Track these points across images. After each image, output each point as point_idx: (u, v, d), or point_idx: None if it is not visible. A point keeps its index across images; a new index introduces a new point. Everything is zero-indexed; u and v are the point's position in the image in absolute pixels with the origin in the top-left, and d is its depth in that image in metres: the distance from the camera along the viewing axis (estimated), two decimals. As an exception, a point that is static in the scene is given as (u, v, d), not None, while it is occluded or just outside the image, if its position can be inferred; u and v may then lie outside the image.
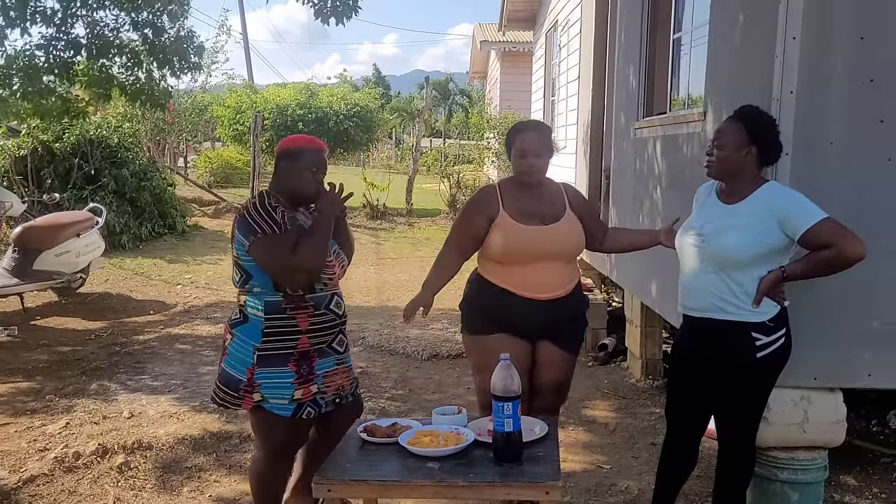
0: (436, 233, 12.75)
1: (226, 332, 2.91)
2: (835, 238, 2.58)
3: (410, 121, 29.89)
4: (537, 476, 2.24)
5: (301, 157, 2.86)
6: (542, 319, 3.10)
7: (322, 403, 2.90)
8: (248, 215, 2.76)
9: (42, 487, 3.57)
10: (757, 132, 2.70)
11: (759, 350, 2.68)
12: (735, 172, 2.73)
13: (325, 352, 2.90)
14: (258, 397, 2.79)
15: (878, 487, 3.56)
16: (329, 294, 2.91)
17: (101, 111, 12.68)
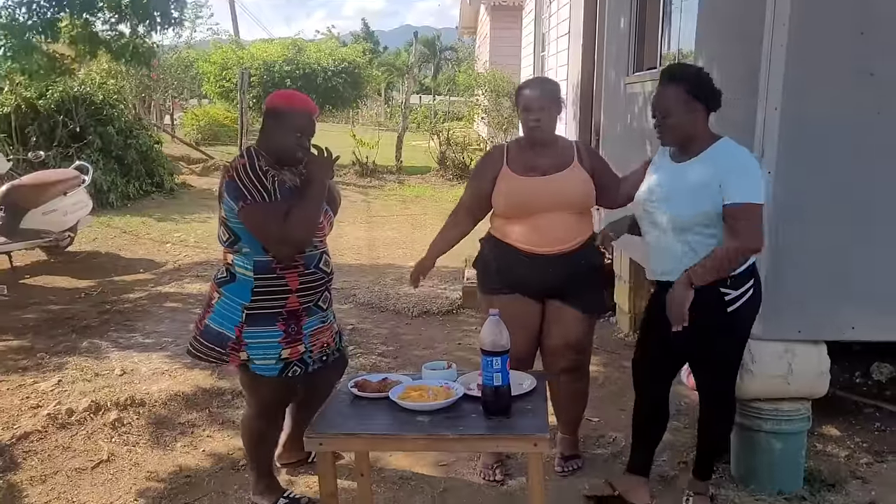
0: (426, 190, 12.71)
1: (212, 289, 2.91)
2: (749, 227, 2.59)
3: (399, 77, 29.56)
4: (525, 428, 2.27)
5: (287, 120, 2.80)
6: (550, 276, 3.10)
7: (309, 362, 2.93)
8: (237, 178, 2.71)
9: (36, 444, 3.60)
10: (695, 87, 2.67)
11: (730, 304, 2.69)
12: (689, 134, 2.71)
13: (312, 310, 2.91)
14: (244, 356, 2.81)
15: (860, 437, 3.64)
16: (318, 253, 2.91)
17: (85, 67, 12.48)
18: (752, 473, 3.17)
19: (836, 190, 2.99)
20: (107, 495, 3.18)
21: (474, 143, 16.66)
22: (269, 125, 2.84)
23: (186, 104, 21.94)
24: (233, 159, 2.85)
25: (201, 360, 2.95)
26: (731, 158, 2.66)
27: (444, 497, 3.14)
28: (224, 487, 3.24)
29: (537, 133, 3.12)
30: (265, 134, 2.86)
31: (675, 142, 2.77)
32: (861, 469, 3.34)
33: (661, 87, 2.73)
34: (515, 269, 3.15)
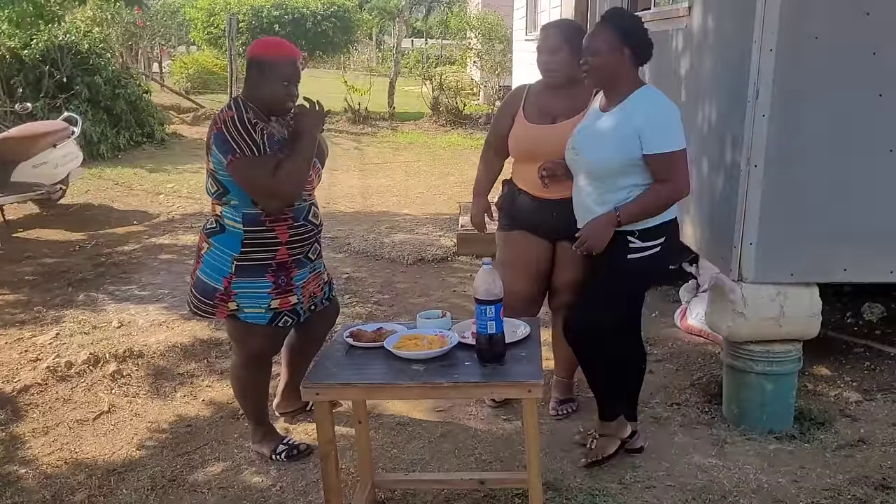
0: (419, 137, 12.61)
1: (202, 240, 2.91)
2: (675, 173, 2.62)
3: (390, 21, 29.04)
4: (519, 375, 2.30)
5: (272, 70, 2.75)
6: (558, 220, 3.08)
7: (301, 312, 2.95)
8: (226, 131, 2.68)
9: (36, 396, 3.64)
10: (627, 32, 2.65)
11: (631, 252, 2.71)
12: (612, 77, 2.69)
13: (301, 262, 2.92)
14: (233, 306, 2.83)
15: (850, 376, 3.70)
16: (307, 205, 2.91)
17: (69, 15, 12.23)
18: (743, 414, 3.23)
19: (830, 132, 2.97)
20: (109, 446, 3.23)
21: (467, 87, 16.48)
22: (254, 76, 2.79)
23: (174, 52, 21.59)
24: (220, 110, 2.81)
25: (195, 314, 2.97)
26: (649, 106, 2.65)
27: (441, 442, 3.20)
28: (224, 436, 3.29)
29: (548, 76, 3.11)
30: (250, 85, 2.81)
31: (598, 83, 2.76)
32: (850, 407, 3.40)
33: (594, 28, 2.74)
34: (526, 211, 3.18)
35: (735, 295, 3.08)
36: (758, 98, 2.92)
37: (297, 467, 3.01)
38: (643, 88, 2.70)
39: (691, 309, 4.35)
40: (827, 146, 2.98)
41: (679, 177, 2.64)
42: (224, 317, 2.88)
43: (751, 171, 2.99)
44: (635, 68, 2.71)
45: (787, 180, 3.00)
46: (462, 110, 13.89)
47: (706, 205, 3.46)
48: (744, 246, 3.06)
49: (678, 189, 2.66)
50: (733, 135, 3.09)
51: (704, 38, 3.49)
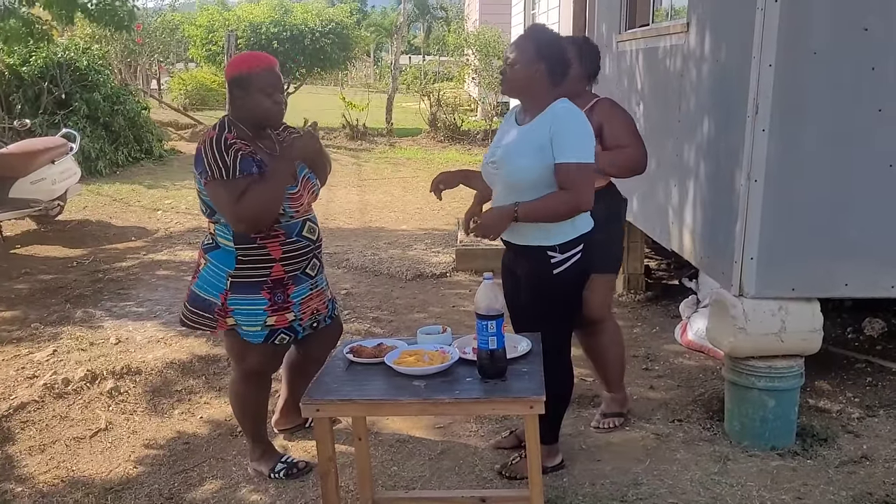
0: (417, 152, 12.63)
1: (200, 256, 2.92)
2: (579, 185, 2.64)
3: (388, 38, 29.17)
4: (521, 391, 2.28)
5: (253, 83, 2.73)
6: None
7: (299, 330, 2.93)
8: (203, 152, 2.68)
9: (33, 413, 3.61)
10: (543, 49, 2.70)
11: (555, 266, 2.74)
12: (526, 89, 2.75)
13: (299, 278, 2.91)
14: (231, 322, 2.82)
15: (851, 392, 3.68)
16: (300, 221, 2.88)
17: (67, 33, 12.27)
18: (745, 430, 3.20)
19: (830, 147, 2.97)
20: (106, 463, 3.20)
21: (465, 103, 16.53)
22: (238, 95, 2.76)
23: (173, 68, 21.65)
24: (206, 130, 2.80)
25: (191, 328, 2.95)
26: (561, 118, 2.68)
27: (442, 459, 3.17)
28: (222, 453, 3.26)
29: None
30: (236, 104, 2.78)
31: (510, 92, 2.82)
32: (853, 423, 3.38)
33: (517, 40, 2.79)
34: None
35: (736, 310, 3.07)
36: (757, 113, 2.93)
37: (295, 485, 2.99)
38: (559, 101, 2.74)
39: (692, 324, 4.33)
40: (827, 161, 2.98)
41: (581, 189, 2.65)
42: (224, 329, 2.86)
43: (751, 185, 2.99)
44: (551, 84, 2.74)
45: (788, 195, 3.00)
46: (460, 126, 13.93)
47: (706, 220, 3.46)
48: (745, 261, 3.05)
49: (579, 200, 2.66)
50: (733, 150, 3.09)
51: (703, 54, 3.50)
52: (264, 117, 2.79)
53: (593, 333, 3.37)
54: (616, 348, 3.44)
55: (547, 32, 2.82)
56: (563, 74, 2.77)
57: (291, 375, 3.24)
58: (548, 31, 2.83)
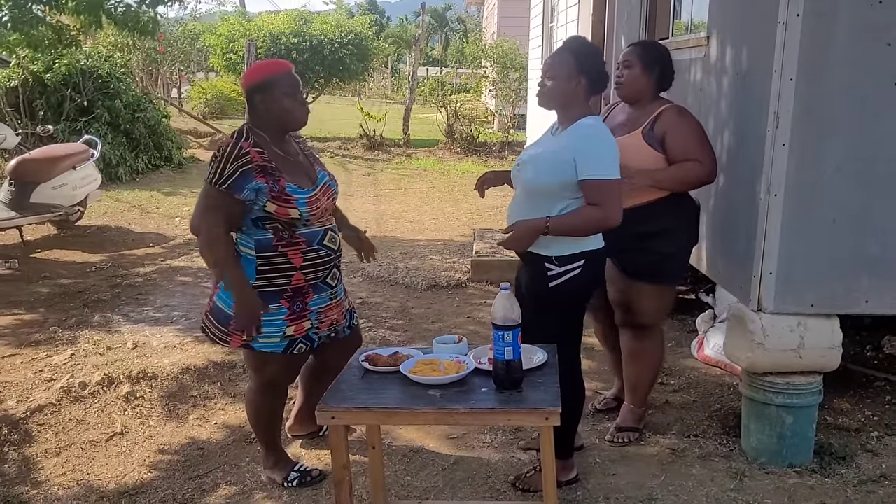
0: (433, 163, 12.66)
1: None
2: (606, 201, 2.66)
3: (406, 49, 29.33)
4: (537, 402, 2.27)
5: (275, 87, 2.76)
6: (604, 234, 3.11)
7: (315, 339, 2.93)
8: (214, 157, 2.72)
9: (50, 416, 3.63)
10: (585, 62, 2.75)
11: (551, 280, 2.75)
12: (564, 102, 2.78)
13: (319, 287, 2.91)
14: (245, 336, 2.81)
15: (870, 410, 3.64)
16: (322, 230, 2.89)
17: (91, 41, 12.42)
18: (762, 447, 3.17)
19: (851, 162, 2.95)
20: (120, 467, 3.22)
21: (482, 115, 16.57)
22: (260, 100, 2.78)
23: (193, 77, 21.86)
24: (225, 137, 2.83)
25: (210, 340, 2.95)
26: (586, 136, 2.72)
27: (455, 469, 3.16)
28: (236, 459, 3.27)
29: (616, 89, 3.25)
30: (258, 111, 2.80)
31: (548, 105, 2.83)
32: (871, 442, 3.34)
33: (556, 53, 2.83)
34: None
35: (754, 325, 3.05)
36: (778, 127, 2.91)
37: (309, 493, 2.98)
38: (586, 118, 2.77)
39: (709, 339, 4.30)
40: (848, 176, 2.96)
41: (610, 205, 2.68)
42: (237, 345, 2.85)
43: (770, 200, 2.97)
44: (587, 98, 2.79)
45: (808, 210, 2.98)
46: (476, 138, 13.96)
47: (725, 234, 3.44)
48: (763, 275, 3.03)
49: (608, 216, 2.69)
50: (753, 164, 3.08)
51: (723, 67, 3.49)
52: (290, 119, 2.81)
53: (635, 338, 3.36)
54: (651, 361, 3.39)
55: (587, 45, 2.86)
56: (602, 87, 2.82)
57: (308, 382, 3.25)
58: (588, 44, 2.87)
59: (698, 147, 3.11)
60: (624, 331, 3.39)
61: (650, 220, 3.14)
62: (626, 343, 3.40)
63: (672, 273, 3.31)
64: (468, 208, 8.94)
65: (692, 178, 3.13)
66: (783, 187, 2.95)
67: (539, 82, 2.84)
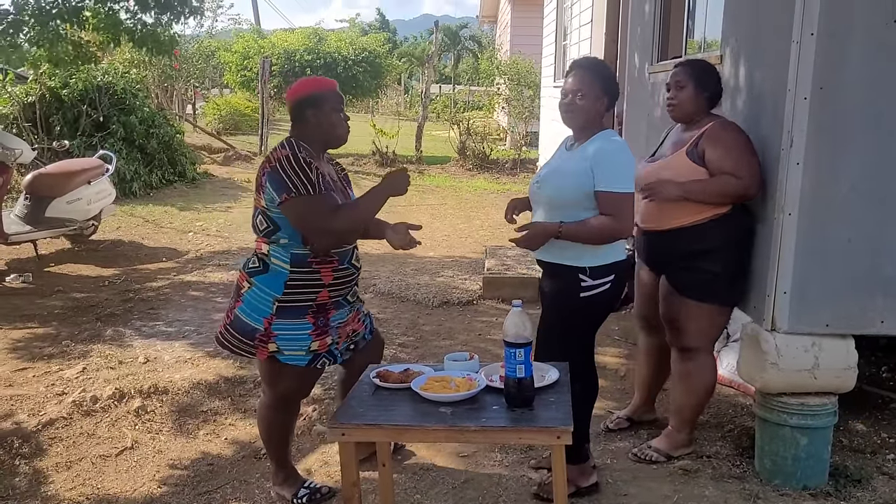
0: (446, 180, 12.68)
1: (242, 279, 2.90)
2: (619, 212, 2.76)
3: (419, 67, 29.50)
4: (549, 421, 2.26)
5: (326, 102, 2.83)
6: (653, 251, 3.33)
7: (337, 354, 2.94)
8: (281, 169, 2.70)
9: (61, 430, 3.64)
10: (608, 85, 2.90)
11: (584, 291, 2.83)
12: (590, 119, 2.90)
13: (340, 304, 2.93)
14: (273, 348, 2.81)
15: (886, 433, 3.59)
16: (351, 249, 2.94)
17: (108, 57, 12.56)
18: (776, 468, 3.14)
19: (866, 181, 2.93)
20: (130, 482, 3.21)
21: (494, 132, 16.60)
22: (310, 114, 2.83)
23: (208, 94, 22.05)
24: (273, 149, 2.84)
25: (231, 352, 2.93)
26: (604, 149, 2.83)
27: (465, 488, 3.14)
28: (246, 475, 3.26)
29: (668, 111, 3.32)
30: (306, 124, 2.84)
31: (577, 122, 2.92)
32: (888, 465, 3.29)
33: (583, 71, 2.92)
34: (638, 242, 3.42)
35: (768, 345, 3.02)
36: (792, 146, 2.90)
37: (318, 510, 2.97)
38: (606, 131, 2.90)
39: (722, 359, 4.27)
40: (863, 195, 2.94)
41: (623, 216, 2.78)
42: (264, 357, 2.85)
43: (784, 219, 2.95)
44: (604, 115, 2.93)
45: (822, 229, 2.96)
46: (489, 155, 13.98)
47: (738, 253, 3.42)
48: (777, 295, 3.01)
49: (621, 227, 2.79)
50: (767, 182, 3.06)
51: (737, 86, 3.49)
52: (335, 134, 2.87)
53: (681, 359, 3.33)
54: (694, 385, 3.30)
55: (608, 68, 3.02)
56: (612, 106, 2.96)
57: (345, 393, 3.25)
58: (608, 67, 3.04)
59: (735, 160, 3.05)
60: (673, 351, 3.37)
61: (698, 239, 3.14)
62: (673, 363, 3.39)
63: (720, 294, 3.21)
64: (480, 225, 8.95)
65: (727, 191, 3.07)
66: (797, 206, 2.93)
67: (567, 100, 2.91)
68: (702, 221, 3.12)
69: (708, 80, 3.21)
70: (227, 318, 2.91)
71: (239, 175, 12.37)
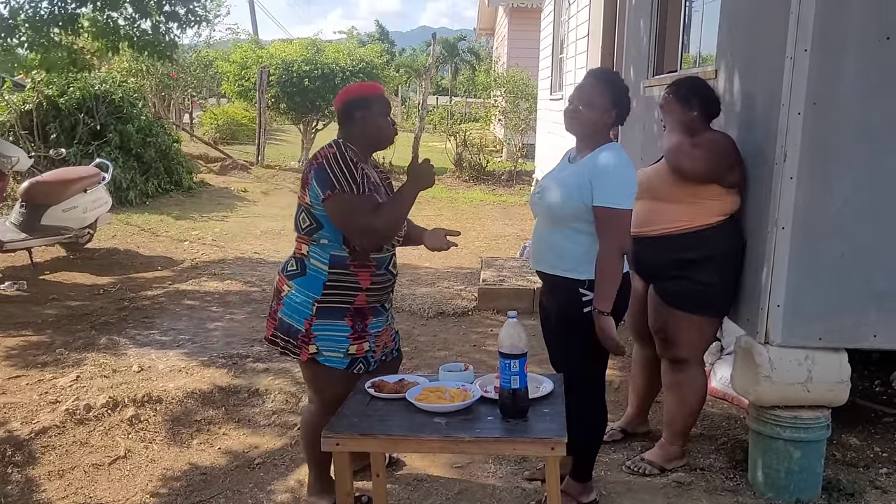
0: (442, 191, 12.71)
1: (281, 282, 2.90)
2: (612, 229, 2.73)
3: (416, 78, 29.60)
4: (543, 432, 2.26)
5: (375, 105, 2.87)
6: (644, 258, 3.24)
7: (372, 361, 2.94)
8: (327, 166, 2.74)
9: (54, 439, 3.63)
10: (618, 97, 2.87)
11: (585, 305, 2.80)
12: (594, 130, 2.87)
13: (377, 310, 2.94)
14: (314, 349, 2.82)
15: (879, 447, 3.60)
16: (390, 255, 2.95)
17: (105, 66, 12.58)
18: (769, 481, 3.14)
19: (859, 196, 2.96)
20: (123, 491, 3.20)
21: (490, 144, 16.66)
22: (361, 115, 2.86)
23: (205, 103, 22.08)
24: (321, 148, 2.87)
25: (280, 351, 2.93)
26: (604, 163, 2.79)
27: (459, 499, 3.14)
28: (239, 486, 3.25)
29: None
30: (356, 125, 2.88)
31: (579, 131, 2.90)
32: (881, 479, 3.30)
33: (593, 80, 2.91)
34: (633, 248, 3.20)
35: (762, 358, 3.04)
36: (786, 160, 2.92)
37: (311, 520, 2.96)
38: (608, 145, 2.86)
39: (715, 371, 4.28)
40: (856, 210, 2.96)
41: (615, 233, 2.74)
42: (305, 359, 2.85)
43: (778, 233, 2.97)
44: (611, 129, 2.91)
45: (816, 243, 2.98)
46: (485, 167, 14.03)
47: (732, 266, 3.43)
48: (771, 308, 3.02)
49: (613, 246, 2.74)
50: (760, 196, 3.08)
51: (731, 101, 3.52)
52: (383, 136, 2.90)
53: (671, 371, 3.34)
54: (684, 397, 3.32)
55: (620, 80, 2.97)
56: (622, 122, 2.94)
57: None
58: (620, 79, 2.98)
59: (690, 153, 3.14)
60: (663, 362, 3.38)
61: (694, 247, 3.15)
62: (664, 375, 3.39)
63: (712, 304, 3.24)
64: (476, 236, 8.96)
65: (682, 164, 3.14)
66: (791, 220, 2.95)
67: (571, 107, 2.91)
68: (695, 229, 3.14)
69: (692, 97, 3.22)
70: (271, 321, 2.93)
71: (235, 184, 12.38)
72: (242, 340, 5.06)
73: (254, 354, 4.74)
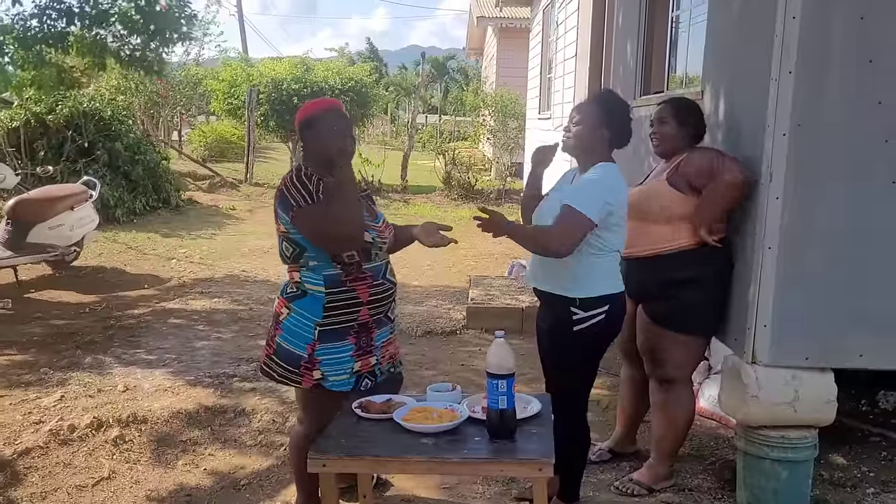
0: (431, 210, 12.72)
1: (280, 305, 2.86)
2: (560, 226, 2.76)
3: (406, 97, 29.73)
4: (530, 453, 2.26)
5: (320, 123, 2.83)
6: (635, 279, 3.21)
7: (378, 374, 2.91)
8: (286, 190, 2.74)
9: (37, 459, 3.58)
10: (611, 117, 2.90)
11: (576, 324, 2.82)
12: (586, 151, 2.92)
13: (382, 321, 2.91)
14: (318, 375, 2.77)
15: (866, 466, 3.60)
16: (384, 263, 2.93)
17: (94, 83, 12.56)
18: (757, 501, 3.13)
19: (845, 217, 2.98)
20: (107, 513, 3.16)
21: (479, 163, 16.71)
22: (309, 136, 2.85)
23: (194, 121, 22.06)
24: (283, 177, 2.85)
25: (276, 382, 2.88)
26: (590, 174, 2.87)
27: (447, 520, 3.12)
28: (225, 507, 3.22)
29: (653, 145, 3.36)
30: (307, 147, 2.87)
31: (573, 149, 2.96)
32: (868, 499, 3.30)
33: (586, 100, 3.00)
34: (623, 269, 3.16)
35: (749, 378, 3.04)
36: (771, 181, 2.95)
37: (297, 542, 2.93)
38: (603, 164, 2.90)
39: (703, 391, 4.28)
40: (842, 230, 2.98)
41: (561, 232, 2.76)
42: (309, 386, 2.79)
43: (765, 253, 2.99)
44: (609, 150, 2.93)
45: (802, 263, 3.00)
46: (474, 185, 14.06)
47: (719, 285, 3.44)
48: (758, 328, 3.03)
49: (556, 240, 2.76)
50: (747, 217, 3.10)
51: (717, 122, 3.55)
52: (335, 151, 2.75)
53: (659, 390, 3.34)
54: (672, 416, 3.32)
55: (617, 101, 2.99)
56: (624, 143, 2.95)
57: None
58: (618, 100, 3.00)
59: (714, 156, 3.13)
60: (651, 382, 3.38)
61: (682, 267, 3.17)
62: (652, 395, 3.39)
63: (700, 324, 3.26)
64: (464, 255, 8.96)
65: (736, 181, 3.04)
66: (777, 241, 2.97)
67: (565, 126, 2.97)
68: (683, 249, 3.16)
69: (688, 117, 3.29)
70: (268, 348, 2.87)
71: (224, 202, 12.35)
72: (229, 359, 5.03)
73: (240, 374, 4.71)
